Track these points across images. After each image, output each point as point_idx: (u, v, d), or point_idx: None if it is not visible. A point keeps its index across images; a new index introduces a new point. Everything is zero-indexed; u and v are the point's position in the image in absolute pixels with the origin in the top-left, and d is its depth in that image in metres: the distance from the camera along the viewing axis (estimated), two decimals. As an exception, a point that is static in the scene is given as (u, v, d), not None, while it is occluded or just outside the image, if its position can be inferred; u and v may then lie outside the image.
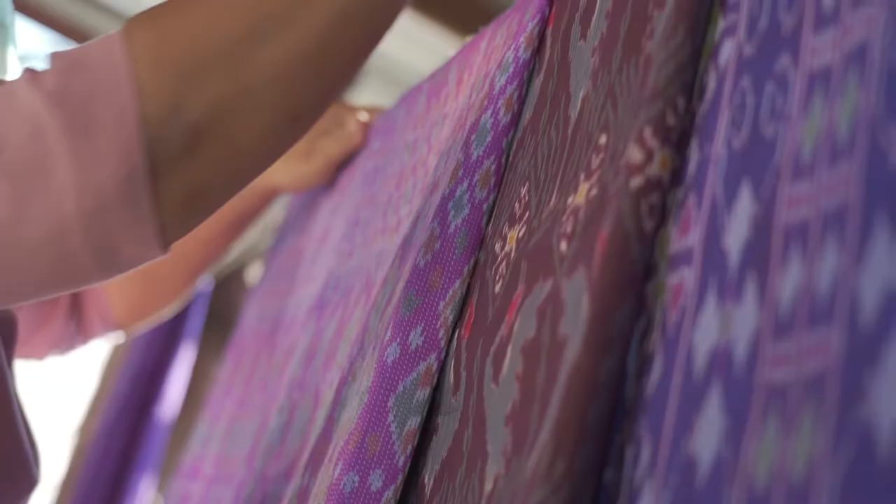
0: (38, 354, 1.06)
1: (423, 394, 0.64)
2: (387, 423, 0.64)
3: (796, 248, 0.39)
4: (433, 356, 0.65)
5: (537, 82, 0.68)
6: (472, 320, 0.64)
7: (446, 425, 0.63)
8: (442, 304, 0.66)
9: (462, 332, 0.65)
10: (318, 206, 1.10)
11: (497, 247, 0.64)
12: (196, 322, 1.84)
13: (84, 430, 2.31)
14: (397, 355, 0.65)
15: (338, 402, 0.71)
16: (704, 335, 0.43)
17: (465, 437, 0.59)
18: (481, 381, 0.59)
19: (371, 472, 0.63)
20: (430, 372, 0.65)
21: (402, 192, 0.83)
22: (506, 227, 0.64)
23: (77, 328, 1.09)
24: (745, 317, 0.41)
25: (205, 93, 0.60)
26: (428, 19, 3.03)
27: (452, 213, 0.67)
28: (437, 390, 0.65)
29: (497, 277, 0.63)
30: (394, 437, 0.64)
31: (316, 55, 0.63)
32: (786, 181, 0.41)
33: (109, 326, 1.12)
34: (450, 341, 0.66)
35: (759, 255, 0.42)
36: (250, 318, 1.17)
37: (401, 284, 0.67)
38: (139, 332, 1.28)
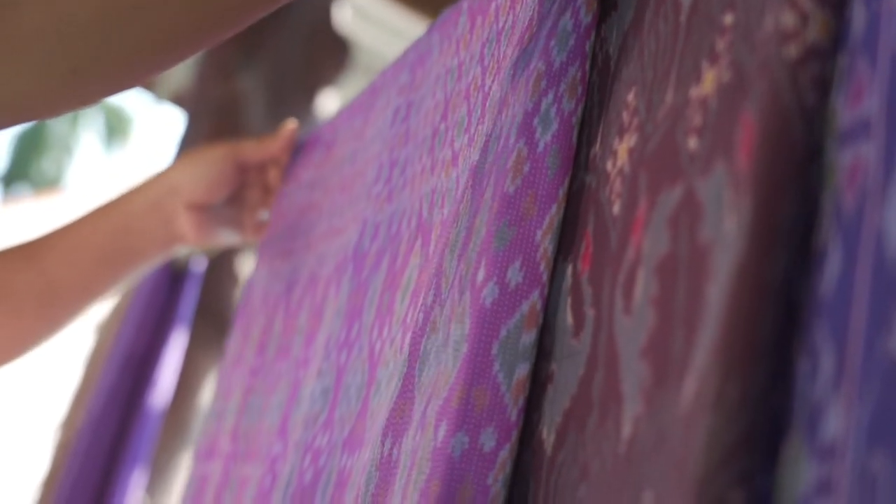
0: None
1: (529, 337, 0.57)
2: (492, 373, 0.56)
3: None
4: (536, 293, 0.57)
5: None
6: (589, 251, 0.56)
7: (565, 371, 0.55)
8: (539, 232, 0.58)
9: (578, 267, 0.57)
10: (330, 159, 1.01)
11: (608, 165, 0.56)
12: (188, 305, 1.76)
13: (68, 424, 2.22)
14: (496, 296, 0.57)
15: (416, 358, 0.62)
16: (901, 214, 0.36)
17: (595, 381, 0.51)
18: (611, 316, 0.52)
19: (482, 430, 0.55)
20: (534, 311, 0.57)
21: (455, 120, 0.74)
22: (615, 142, 0.56)
23: None
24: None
25: None
26: (414, 12, 2.96)
27: (540, 129, 0.59)
28: (545, 334, 0.58)
29: (613, 198, 0.55)
30: (503, 388, 0.56)
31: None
32: None
33: None
34: (552, 275, 0.58)
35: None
36: (258, 282, 1.08)
37: (485, 217, 0.59)
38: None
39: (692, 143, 0.47)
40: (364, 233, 0.85)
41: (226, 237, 1.07)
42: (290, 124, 1.07)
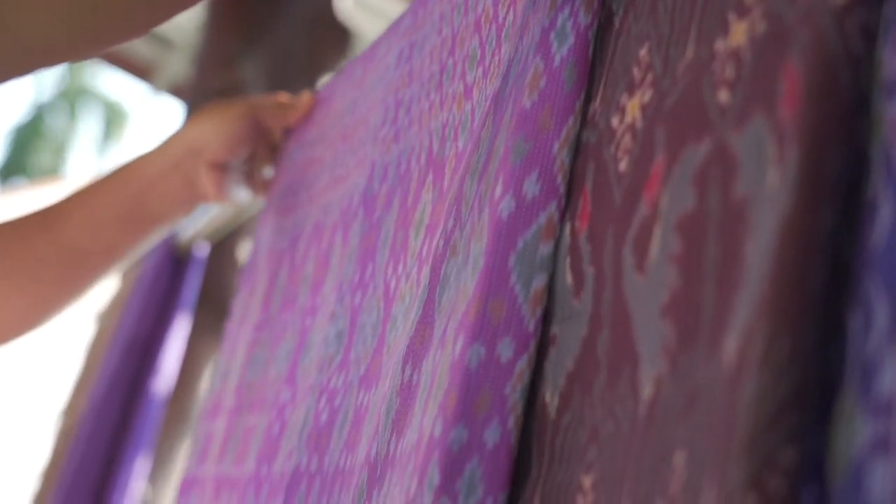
0: None
1: (546, 248, 0.57)
2: (510, 284, 0.55)
3: None
4: (553, 205, 0.57)
5: None
6: (587, 209, 0.55)
7: (567, 334, 0.54)
8: (556, 144, 0.58)
9: (576, 225, 0.56)
10: (329, 114, 1.00)
11: (614, 121, 0.55)
12: (191, 290, 1.74)
13: (70, 411, 2.20)
14: (513, 209, 0.56)
15: (436, 283, 0.62)
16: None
17: (600, 341, 0.50)
18: (619, 275, 0.50)
19: (498, 341, 0.55)
20: (551, 223, 0.57)
21: (465, 54, 0.74)
22: (623, 97, 0.55)
23: None
24: None
25: None
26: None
27: (556, 44, 0.59)
28: (548, 297, 0.56)
29: (619, 154, 0.54)
30: (520, 299, 0.55)
31: None
32: None
33: None
34: (563, 222, 0.57)
35: None
36: (262, 243, 1.07)
37: (504, 134, 0.59)
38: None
39: (722, 96, 0.46)
40: (373, 176, 0.84)
41: (240, 194, 1.06)
42: (307, 95, 1.06)
